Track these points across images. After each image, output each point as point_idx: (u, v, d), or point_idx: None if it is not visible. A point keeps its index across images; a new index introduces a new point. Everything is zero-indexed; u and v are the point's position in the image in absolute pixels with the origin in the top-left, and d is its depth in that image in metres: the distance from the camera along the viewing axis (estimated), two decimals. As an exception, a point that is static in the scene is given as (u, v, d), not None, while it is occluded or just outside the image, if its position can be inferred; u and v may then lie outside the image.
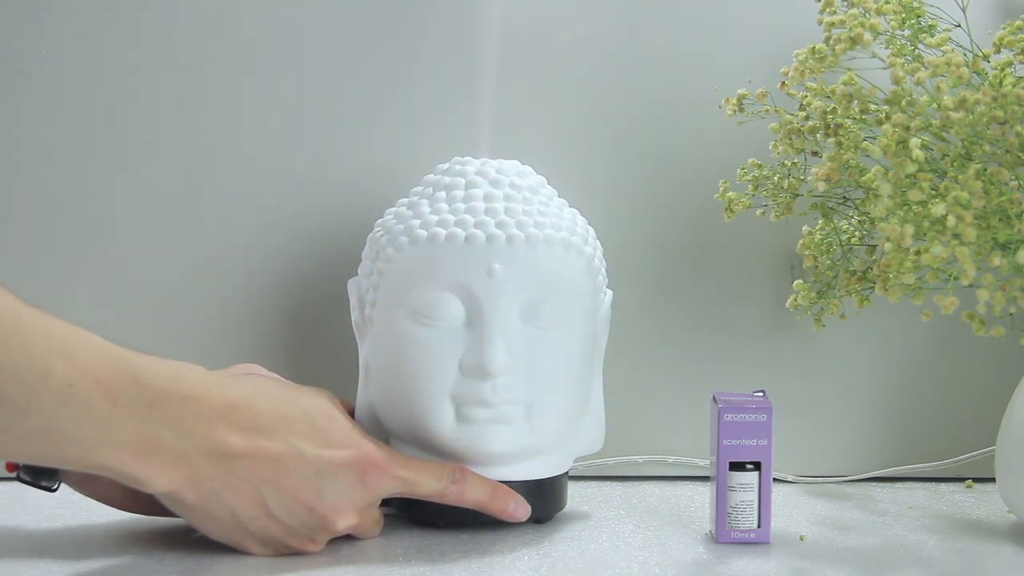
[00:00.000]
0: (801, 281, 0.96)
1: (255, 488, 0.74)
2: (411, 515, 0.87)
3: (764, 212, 0.96)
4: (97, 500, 0.80)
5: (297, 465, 0.75)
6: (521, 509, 0.84)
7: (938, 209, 0.76)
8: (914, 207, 0.79)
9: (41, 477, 0.78)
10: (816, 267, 0.95)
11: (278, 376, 0.83)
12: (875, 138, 0.83)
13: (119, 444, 0.69)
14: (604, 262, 0.91)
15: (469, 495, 0.82)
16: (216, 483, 0.73)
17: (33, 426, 0.66)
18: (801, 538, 0.86)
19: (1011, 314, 0.83)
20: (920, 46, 0.87)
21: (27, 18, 0.97)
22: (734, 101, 0.93)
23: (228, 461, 0.73)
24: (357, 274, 0.91)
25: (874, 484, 1.03)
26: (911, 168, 0.77)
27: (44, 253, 0.98)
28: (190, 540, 0.80)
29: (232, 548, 0.77)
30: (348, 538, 0.81)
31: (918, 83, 0.80)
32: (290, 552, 0.77)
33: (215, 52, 0.99)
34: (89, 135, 0.98)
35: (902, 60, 0.82)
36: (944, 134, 0.81)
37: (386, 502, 0.83)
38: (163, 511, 0.77)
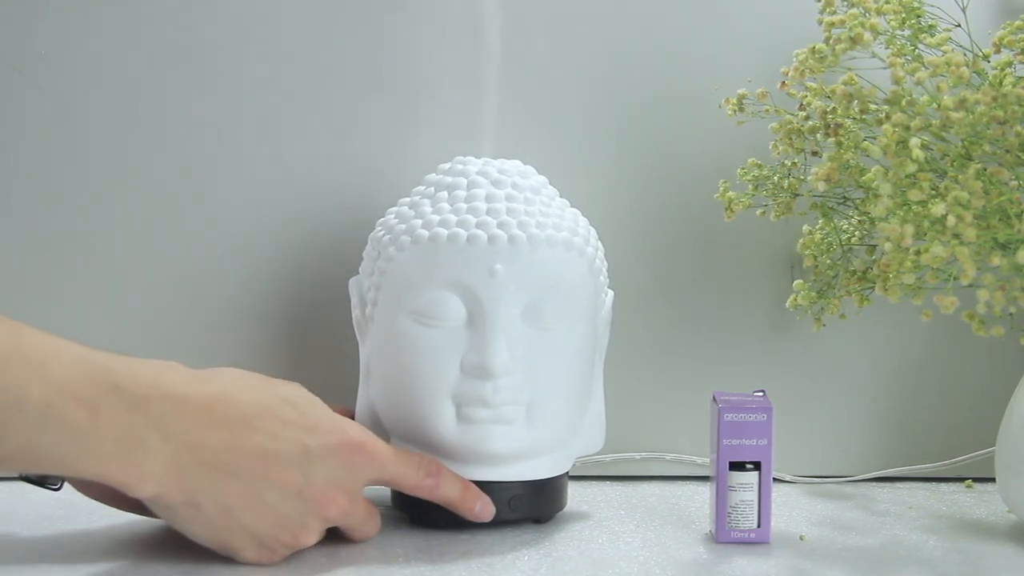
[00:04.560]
0: (801, 281, 0.96)
1: (243, 480, 0.73)
2: (411, 515, 0.87)
3: (764, 212, 0.96)
4: (99, 501, 0.80)
5: (283, 451, 0.74)
6: (487, 510, 0.84)
7: (938, 209, 0.76)
8: (914, 207, 0.79)
9: (46, 477, 0.78)
10: (816, 267, 0.95)
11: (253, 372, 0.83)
12: (875, 138, 0.83)
13: (102, 454, 0.69)
14: (606, 263, 0.91)
15: (443, 491, 0.82)
16: (203, 479, 0.72)
17: (10, 450, 0.67)
18: (801, 538, 0.86)
19: (1011, 314, 0.83)
20: (920, 46, 0.87)
21: (27, 18, 0.97)
22: (734, 101, 0.93)
23: (214, 455, 0.72)
24: (358, 273, 0.91)
25: (874, 484, 1.03)
26: (911, 168, 0.77)
27: (44, 252, 0.98)
28: (189, 542, 0.79)
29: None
30: (348, 539, 0.81)
31: (918, 83, 0.80)
32: (284, 549, 0.76)
33: (215, 51, 0.99)
34: (89, 135, 0.98)
35: (902, 60, 0.82)
36: (944, 134, 0.81)
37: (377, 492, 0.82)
38: None
